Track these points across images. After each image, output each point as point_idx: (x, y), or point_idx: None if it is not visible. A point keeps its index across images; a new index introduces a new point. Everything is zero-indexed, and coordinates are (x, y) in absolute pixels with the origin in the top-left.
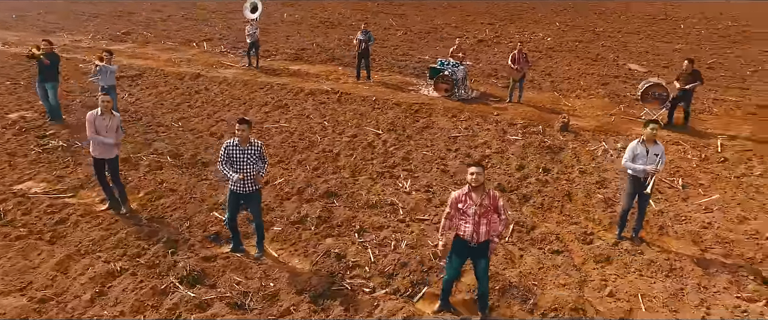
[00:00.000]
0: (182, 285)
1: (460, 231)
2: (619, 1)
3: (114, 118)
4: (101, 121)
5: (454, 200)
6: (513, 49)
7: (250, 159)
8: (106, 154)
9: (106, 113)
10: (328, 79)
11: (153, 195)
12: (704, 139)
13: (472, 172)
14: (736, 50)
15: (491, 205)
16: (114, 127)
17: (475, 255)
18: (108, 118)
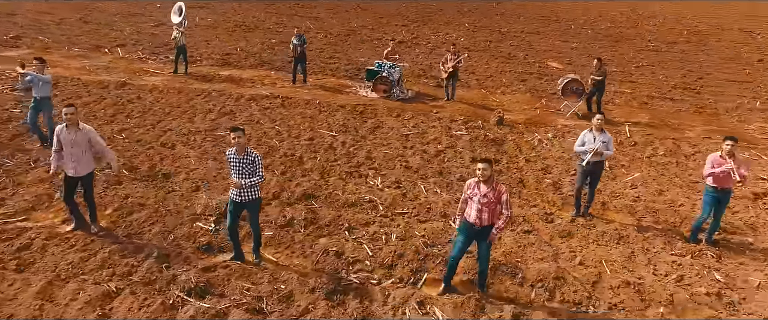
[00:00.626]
0: (191, 298)
1: (466, 214)
2: (515, 2)
3: (82, 132)
4: (66, 136)
5: (467, 187)
6: (446, 50)
7: (245, 168)
8: (81, 170)
9: (71, 126)
10: (264, 84)
11: (122, 212)
12: (616, 126)
13: (479, 168)
14: (618, 48)
15: (495, 198)
16: (82, 141)
17: (479, 237)
18: (73, 132)
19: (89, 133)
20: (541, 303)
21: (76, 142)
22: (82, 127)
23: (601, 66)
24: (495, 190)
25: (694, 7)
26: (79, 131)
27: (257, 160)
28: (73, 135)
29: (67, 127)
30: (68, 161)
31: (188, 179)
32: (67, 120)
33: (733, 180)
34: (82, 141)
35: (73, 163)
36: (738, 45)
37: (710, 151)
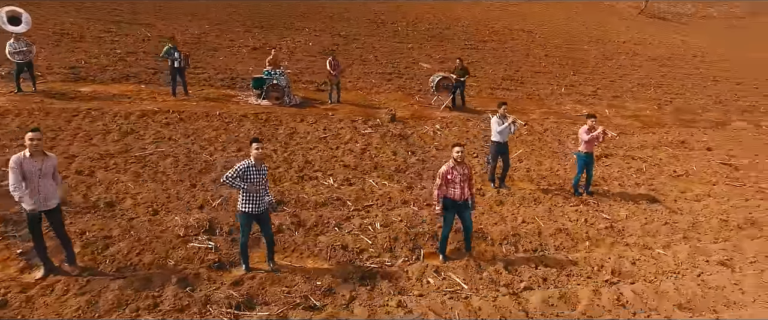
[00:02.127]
0: (242, 311)
1: (449, 194)
2: (337, 3)
3: (48, 160)
4: (31, 165)
5: (444, 173)
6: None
7: (263, 178)
8: (44, 204)
9: (37, 154)
10: (143, 99)
11: (95, 247)
12: (481, 114)
13: (457, 151)
14: (445, 47)
15: (468, 174)
16: (49, 170)
17: (461, 209)
18: (40, 161)
19: (54, 160)
20: (512, 255)
21: (43, 172)
22: (48, 154)
23: (461, 64)
24: (467, 168)
25: (485, 10)
26: (47, 159)
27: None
28: (40, 164)
29: (32, 156)
30: (34, 195)
31: (140, 204)
32: (32, 147)
33: (595, 146)
34: (49, 170)
35: (40, 197)
36: (527, 43)
37: (551, 129)
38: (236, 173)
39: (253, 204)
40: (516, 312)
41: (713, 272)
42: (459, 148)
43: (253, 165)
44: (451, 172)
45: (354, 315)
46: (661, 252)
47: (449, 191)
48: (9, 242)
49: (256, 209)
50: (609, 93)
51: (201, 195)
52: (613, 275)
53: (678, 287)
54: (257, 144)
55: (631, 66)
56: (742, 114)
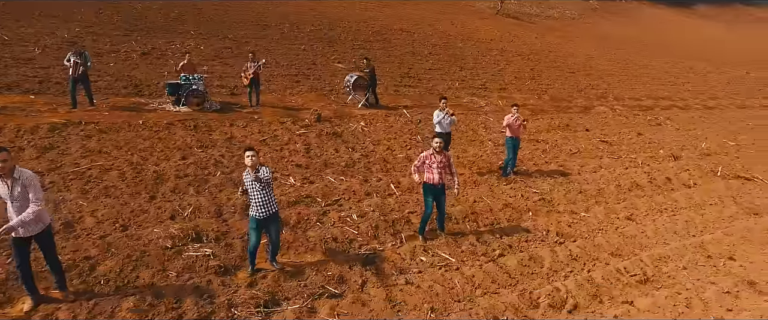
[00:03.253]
0: (272, 307)
1: (427, 178)
2: (213, 3)
3: (21, 179)
4: (1, 187)
5: (423, 157)
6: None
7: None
8: (33, 228)
9: (6, 176)
10: (41, 111)
11: (79, 269)
12: (396, 110)
13: (437, 142)
14: (337, 48)
15: (446, 162)
16: (24, 191)
17: (438, 193)
18: (10, 181)
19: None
20: (475, 229)
21: (16, 194)
22: (20, 173)
23: (368, 63)
24: (445, 157)
25: (362, 11)
26: (17, 180)
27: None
28: (10, 185)
29: (1, 177)
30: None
31: (103, 221)
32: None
33: (521, 131)
34: (23, 192)
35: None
36: (408, 42)
37: (462, 120)
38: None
39: (258, 208)
40: (501, 275)
41: (624, 225)
42: (440, 140)
43: (247, 173)
44: (430, 158)
45: (372, 296)
46: (584, 214)
47: (427, 176)
48: None
49: (262, 214)
50: (495, 86)
51: (167, 206)
52: (559, 236)
53: (606, 240)
54: (250, 152)
55: (504, 61)
56: (599, 100)
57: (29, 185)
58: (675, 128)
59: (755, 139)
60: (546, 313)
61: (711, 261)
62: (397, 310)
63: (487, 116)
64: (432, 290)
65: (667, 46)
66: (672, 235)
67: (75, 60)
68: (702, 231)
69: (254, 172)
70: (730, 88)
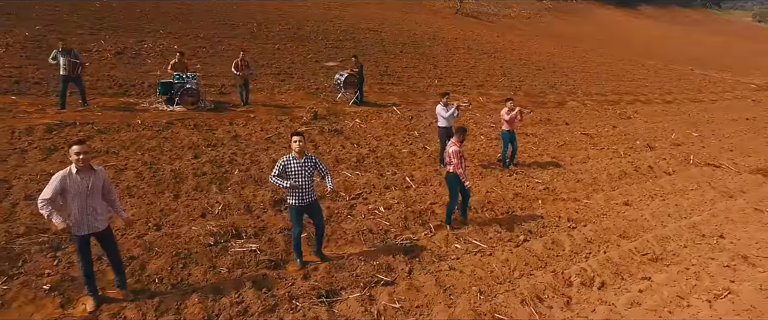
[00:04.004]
0: (333, 296)
1: (458, 170)
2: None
3: (96, 175)
4: (78, 183)
5: (459, 153)
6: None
7: (306, 171)
8: (95, 225)
9: (85, 170)
10: (29, 112)
11: (130, 268)
12: (386, 107)
13: (461, 138)
14: (310, 46)
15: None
16: (98, 187)
17: (463, 185)
18: (88, 177)
19: (104, 174)
20: (495, 218)
21: (92, 190)
22: (97, 169)
23: (357, 62)
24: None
25: (326, 10)
26: (95, 175)
27: (316, 159)
28: (88, 181)
29: (79, 172)
30: (83, 217)
31: (135, 221)
32: (79, 162)
33: (517, 124)
34: (98, 187)
35: (89, 218)
36: (377, 42)
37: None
38: (279, 170)
39: (299, 197)
40: (531, 258)
41: (624, 210)
42: (463, 134)
43: (293, 158)
44: (462, 152)
45: (422, 282)
46: (587, 201)
47: (458, 168)
48: (23, 279)
49: (302, 201)
50: (472, 83)
51: (195, 205)
52: (570, 222)
53: (613, 224)
54: (298, 137)
55: (473, 60)
56: (569, 95)
57: (106, 178)
58: (643, 121)
59: (713, 130)
60: (580, 290)
61: (705, 240)
62: (449, 294)
63: (474, 112)
64: (475, 274)
65: (618, 44)
66: (667, 218)
67: (70, 59)
68: (691, 213)
69: (302, 157)
70: (681, 84)
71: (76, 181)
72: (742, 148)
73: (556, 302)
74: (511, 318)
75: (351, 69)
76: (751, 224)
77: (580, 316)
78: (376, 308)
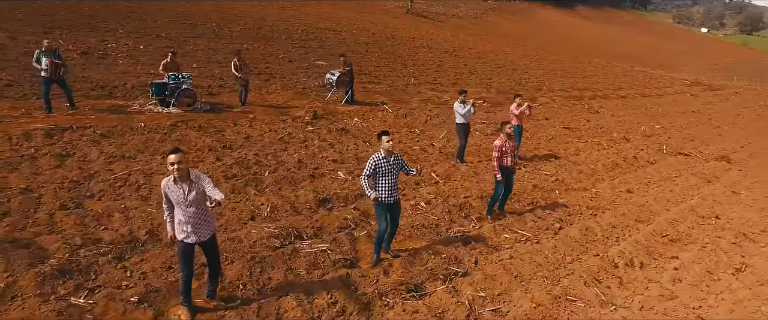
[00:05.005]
0: (420, 290)
1: (503, 163)
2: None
3: (197, 183)
4: (176, 192)
5: (499, 146)
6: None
7: (394, 169)
8: (199, 233)
9: (182, 179)
10: (17, 117)
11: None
12: (376, 105)
13: (509, 127)
14: (277, 46)
15: (513, 145)
16: (200, 195)
17: (510, 175)
18: (186, 186)
19: (203, 181)
20: (524, 209)
21: (191, 199)
22: (195, 175)
23: (346, 61)
24: (512, 141)
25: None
26: (193, 184)
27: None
28: (186, 190)
29: (177, 181)
30: (186, 225)
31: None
32: (175, 172)
33: (523, 117)
34: (199, 196)
35: (191, 227)
36: (340, 42)
37: (443, 113)
38: (370, 170)
39: (388, 194)
40: (573, 244)
41: (630, 197)
42: (510, 125)
43: (384, 157)
44: (505, 145)
45: (492, 271)
46: (595, 190)
47: (503, 160)
48: (106, 292)
49: (390, 197)
50: (447, 81)
51: (240, 208)
52: (591, 209)
53: (627, 210)
54: (387, 136)
55: (437, 58)
56: (537, 92)
57: (207, 184)
58: (610, 115)
59: (670, 122)
60: (626, 271)
61: (705, 221)
62: (520, 280)
63: None
64: (534, 261)
65: (561, 43)
66: (667, 203)
67: (53, 60)
68: (684, 198)
69: (391, 156)
70: (627, 80)
71: (175, 190)
72: (700, 138)
73: (612, 282)
74: (582, 299)
75: (343, 68)
76: (734, 205)
77: (637, 294)
78: (465, 298)
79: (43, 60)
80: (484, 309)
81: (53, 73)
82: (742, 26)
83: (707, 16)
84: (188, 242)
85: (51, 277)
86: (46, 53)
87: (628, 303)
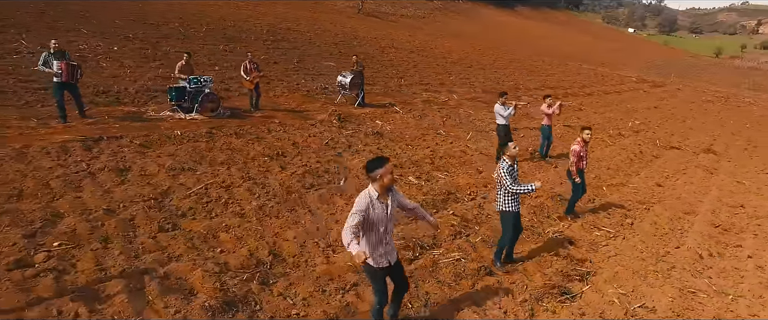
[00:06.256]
0: (570, 293)
1: (581, 166)
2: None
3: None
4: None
5: (578, 151)
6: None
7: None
8: (392, 254)
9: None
10: (35, 128)
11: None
12: (385, 107)
13: (587, 133)
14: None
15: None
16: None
17: (584, 177)
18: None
19: (398, 194)
20: (585, 207)
21: (391, 215)
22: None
23: (358, 61)
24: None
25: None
26: (393, 196)
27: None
28: (387, 205)
29: (380, 196)
30: (382, 246)
31: (305, 244)
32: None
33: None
34: (394, 212)
35: (387, 247)
36: (309, 42)
37: (453, 114)
38: (514, 177)
39: (518, 201)
40: (653, 238)
41: (661, 190)
42: (588, 131)
43: (511, 164)
44: (583, 150)
45: (613, 268)
46: (632, 185)
47: (581, 164)
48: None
49: (519, 206)
50: (434, 81)
51: (340, 218)
52: (642, 204)
53: (672, 203)
54: (513, 143)
55: (408, 59)
56: (516, 90)
57: (402, 198)
58: (593, 112)
59: (645, 118)
60: (713, 260)
61: (736, 210)
62: (639, 275)
63: (466, 110)
64: (637, 256)
65: (510, 43)
66: (696, 194)
67: (68, 62)
68: (705, 189)
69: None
70: (584, 79)
71: (378, 207)
72: (678, 132)
73: (710, 273)
74: (700, 290)
75: (355, 68)
76: (746, 194)
77: (738, 282)
78: (612, 297)
79: (54, 63)
80: (632, 306)
81: (70, 77)
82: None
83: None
84: (384, 266)
85: (220, 311)
86: (56, 55)
87: (741, 292)
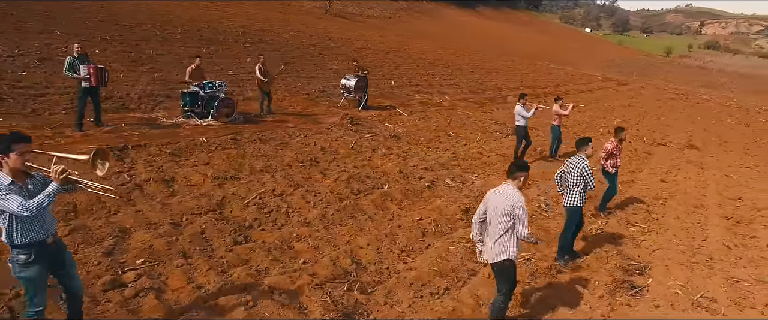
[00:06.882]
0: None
1: (615, 164)
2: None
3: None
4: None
5: (611, 149)
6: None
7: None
8: None
9: None
10: (53, 138)
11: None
12: (388, 110)
13: (622, 138)
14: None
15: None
16: None
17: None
18: None
19: None
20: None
21: None
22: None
23: (359, 65)
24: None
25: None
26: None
27: None
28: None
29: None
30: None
31: (385, 254)
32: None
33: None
34: None
35: None
36: (287, 44)
37: (456, 117)
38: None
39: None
40: (683, 231)
41: (667, 186)
42: (625, 132)
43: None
44: (616, 148)
45: (654, 262)
46: (642, 182)
47: (615, 162)
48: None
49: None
50: (423, 82)
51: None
52: (658, 200)
53: (683, 197)
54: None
55: (388, 60)
56: (498, 91)
57: None
58: (575, 111)
59: (623, 115)
60: (739, 251)
61: (736, 203)
62: (686, 268)
63: (464, 111)
64: (675, 249)
65: (475, 43)
66: (697, 188)
67: (96, 66)
68: (703, 183)
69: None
70: (554, 78)
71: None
72: (658, 129)
73: (742, 262)
74: (743, 280)
75: (359, 72)
76: (739, 187)
77: None
78: (675, 290)
79: (81, 67)
80: (695, 297)
81: (100, 81)
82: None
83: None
84: None
85: None
86: (82, 59)
87: None
